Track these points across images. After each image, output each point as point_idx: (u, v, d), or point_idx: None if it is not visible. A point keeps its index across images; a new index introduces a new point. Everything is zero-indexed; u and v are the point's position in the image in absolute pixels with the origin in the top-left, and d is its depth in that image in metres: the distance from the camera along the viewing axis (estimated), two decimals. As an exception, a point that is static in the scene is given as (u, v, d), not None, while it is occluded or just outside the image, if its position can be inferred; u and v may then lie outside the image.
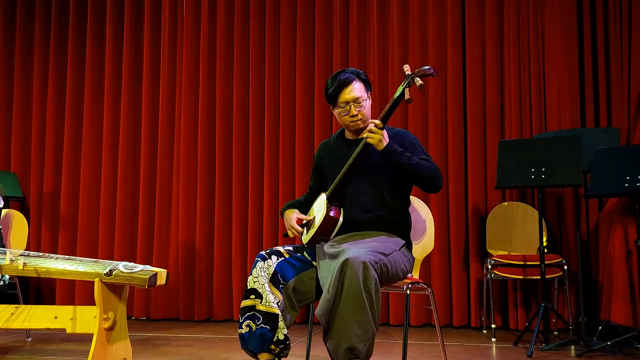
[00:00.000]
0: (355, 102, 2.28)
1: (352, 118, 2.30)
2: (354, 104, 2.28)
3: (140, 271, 2.37)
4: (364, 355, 1.93)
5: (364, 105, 2.30)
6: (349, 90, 2.27)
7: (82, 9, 4.96)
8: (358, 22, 4.45)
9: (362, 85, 2.31)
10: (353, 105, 2.28)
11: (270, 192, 4.45)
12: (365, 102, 2.31)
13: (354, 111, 2.28)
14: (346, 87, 2.27)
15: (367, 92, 2.33)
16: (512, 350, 3.27)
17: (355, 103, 2.28)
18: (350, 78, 2.29)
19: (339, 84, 2.28)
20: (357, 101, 2.28)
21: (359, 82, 2.30)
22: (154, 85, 4.75)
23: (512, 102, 4.15)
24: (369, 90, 2.35)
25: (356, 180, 2.32)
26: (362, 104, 2.29)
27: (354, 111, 2.28)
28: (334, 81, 2.29)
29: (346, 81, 2.28)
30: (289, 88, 4.53)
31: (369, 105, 2.35)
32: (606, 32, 4.09)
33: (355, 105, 2.28)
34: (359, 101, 2.28)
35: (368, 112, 2.34)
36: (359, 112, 2.29)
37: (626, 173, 3.02)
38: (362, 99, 2.29)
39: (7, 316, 2.46)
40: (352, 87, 2.28)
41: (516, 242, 3.98)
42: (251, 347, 2.11)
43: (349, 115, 2.29)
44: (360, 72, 2.34)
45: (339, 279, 1.93)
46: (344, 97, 2.28)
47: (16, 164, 4.93)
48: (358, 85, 2.29)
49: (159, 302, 4.53)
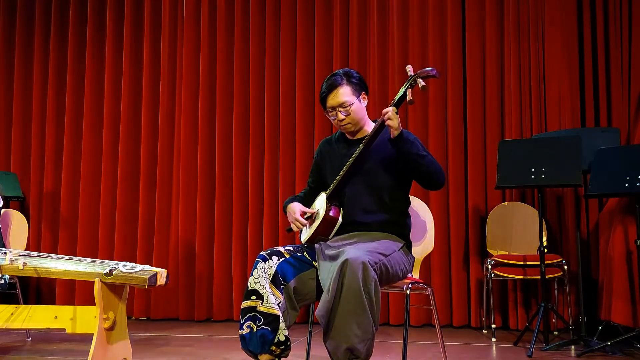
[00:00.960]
0: (340, 107, 2.28)
1: (340, 122, 2.31)
2: (340, 109, 2.28)
3: (140, 271, 2.37)
4: (363, 355, 1.93)
5: (351, 110, 2.28)
6: (333, 95, 2.28)
7: (82, 9, 4.96)
8: (358, 22, 4.45)
9: (349, 88, 2.29)
10: (338, 111, 2.29)
11: (270, 192, 4.45)
12: (353, 106, 2.28)
13: (340, 116, 2.29)
14: (331, 92, 2.28)
15: (357, 95, 2.31)
16: (512, 350, 3.27)
17: (341, 108, 2.28)
18: (336, 82, 2.28)
19: (325, 88, 2.30)
20: (343, 106, 2.28)
21: (347, 85, 2.29)
22: (154, 85, 4.75)
23: (512, 102, 4.15)
24: (361, 91, 2.33)
25: (356, 180, 2.32)
26: (347, 109, 2.28)
27: (340, 116, 2.29)
28: (323, 85, 2.32)
29: (331, 86, 2.29)
30: (289, 88, 4.53)
31: (361, 107, 2.33)
32: (606, 32, 4.09)
33: (341, 110, 2.28)
34: (344, 106, 2.28)
35: (358, 114, 2.31)
36: (345, 117, 2.29)
37: (626, 173, 3.02)
38: (348, 104, 2.27)
39: (7, 316, 2.46)
40: (336, 92, 2.28)
41: (516, 242, 3.98)
42: (252, 348, 2.10)
43: (336, 120, 2.31)
44: (351, 73, 2.32)
45: (339, 279, 1.93)
46: (330, 103, 2.30)
47: (16, 164, 4.92)
48: (344, 90, 2.28)
49: (159, 302, 4.53)
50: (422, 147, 2.28)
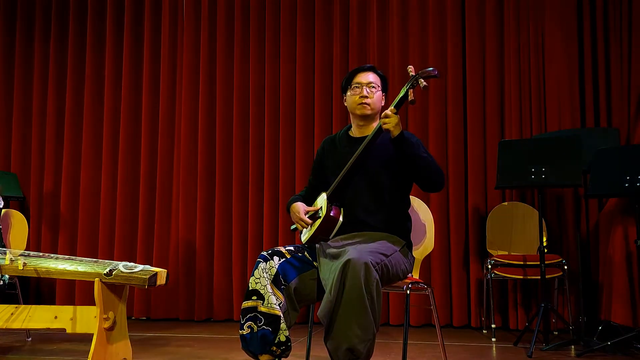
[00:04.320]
0: (368, 86, 2.35)
1: (361, 99, 2.35)
2: (367, 87, 2.35)
3: (140, 271, 2.37)
4: (363, 356, 1.93)
5: (375, 94, 2.36)
6: (364, 74, 2.38)
7: (82, 9, 4.95)
8: (358, 22, 4.45)
9: (380, 80, 2.40)
10: (365, 88, 2.35)
11: (270, 192, 4.45)
12: (377, 92, 2.37)
13: (365, 92, 2.35)
14: (363, 71, 2.39)
15: (382, 89, 2.41)
16: (512, 350, 3.27)
17: (368, 87, 2.35)
18: (373, 68, 2.42)
19: (358, 68, 2.42)
20: (370, 85, 2.36)
21: (378, 77, 2.40)
22: (154, 85, 4.75)
23: (512, 102, 4.15)
24: (385, 90, 2.43)
25: (357, 180, 2.32)
26: (373, 90, 2.35)
27: (365, 92, 2.35)
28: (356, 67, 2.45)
29: (364, 68, 2.41)
30: (289, 88, 4.53)
31: (380, 99, 2.41)
32: (606, 32, 4.09)
33: (367, 89, 2.35)
34: (371, 86, 2.36)
35: (377, 104, 2.39)
36: (369, 93, 2.35)
37: (626, 173, 3.02)
38: (376, 85, 2.36)
39: (7, 316, 2.46)
40: (369, 73, 2.39)
41: (516, 242, 3.98)
42: (252, 348, 2.11)
43: (359, 95, 2.35)
44: (383, 74, 2.45)
45: (341, 279, 1.93)
46: (359, 79, 2.38)
47: (16, 164, 4.92)
48: (376, 76, 2.39)
49: (159, 302, 4.53)
50: (423, 149, 2.29)
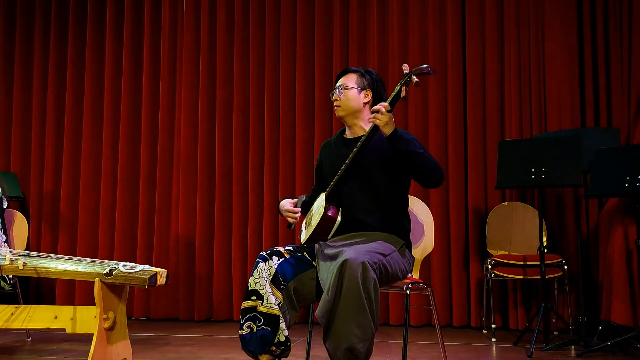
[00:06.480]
0: (338, 88, 2.38)
1: (332, 101, 2.41)
2: (337, 90, 2.38)
3: (140, 271, 2.37)
4: (363, 355, 1.93)
5: (345, 93, 2.36)
6: (341, 77, 2.41)
7: (82, 8, 4.95)
8: (358, 22, 4.45)
9: (356, 77, 2.38)
10: (335, 91, 2.39)
11: (270, 192, 4.45)
12: (348, 91, 2.36)
13: (335, 96, 2.38)
14: (341, 75, 2.42)
15: (360, 87, 2.37)
16: (512, 350, 3.27)
17: (339, 90, 2.38)
18: (349, 69, 2.42)
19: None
20: (340, 88, 2.38)
21: (356, 75, 2.39)
22: (154, 85, 4.75)
23: (512, 102, 4.15)
24: (368, 88, 2.38)
25: (354, 179, 2.32)
26: (344, 92, 2.36)
27: (335, 96, 2.38)
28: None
29: (344, 71, 2.43)
30: (289, 87, 4.53)
31: (356, 97, 2.36)
32: (606, 32, 4.08)
33: (337, 91, 2.38)
34: (341, 88, 2.37)
35: (351, 102, 2.36)
36: (337, 96, 2.37)
37: (626, 173, 3.02)
38: (345, 87, 2.36)
39: (7, 316, 2.46)
40: (345, 77, 2.40)
41: (516, 242, 3.98)
42: (252, 348, 2.11)
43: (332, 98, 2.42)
44: (370, 70, 2.44)
45: (338, 279, 1.93)
46: (336, 83, 2.43)
47: (16, 164, 4.92)
48: (350, 76, 2.39)
49: (159, 302, 4.53)
50: (419, 145, 2.28)
